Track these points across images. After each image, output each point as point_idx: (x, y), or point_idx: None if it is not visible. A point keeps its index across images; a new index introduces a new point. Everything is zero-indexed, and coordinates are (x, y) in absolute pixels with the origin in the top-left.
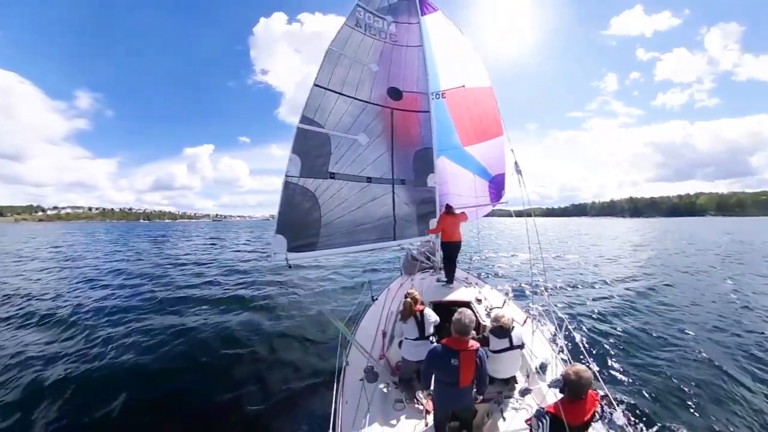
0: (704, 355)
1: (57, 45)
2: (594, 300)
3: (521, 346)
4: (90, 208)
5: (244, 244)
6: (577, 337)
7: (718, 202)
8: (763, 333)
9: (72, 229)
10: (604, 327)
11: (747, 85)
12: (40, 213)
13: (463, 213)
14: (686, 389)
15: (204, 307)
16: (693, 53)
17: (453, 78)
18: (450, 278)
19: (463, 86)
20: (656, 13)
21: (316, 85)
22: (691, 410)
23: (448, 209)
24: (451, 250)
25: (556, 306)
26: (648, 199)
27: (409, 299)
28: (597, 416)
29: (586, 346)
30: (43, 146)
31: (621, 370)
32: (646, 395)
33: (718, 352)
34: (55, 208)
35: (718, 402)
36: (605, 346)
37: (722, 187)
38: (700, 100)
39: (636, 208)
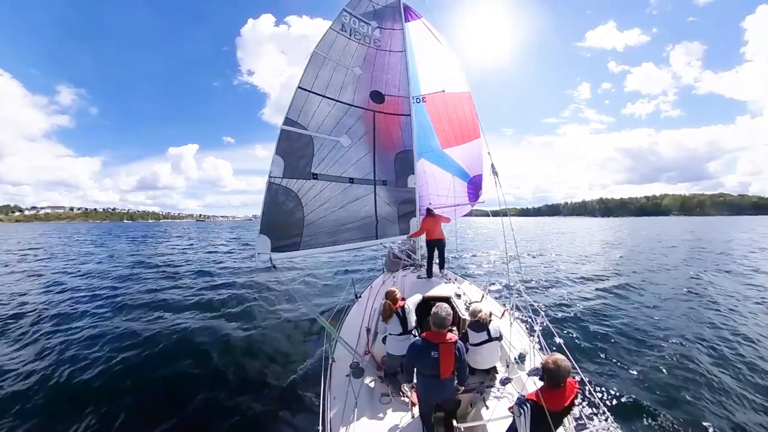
0: (673, 342)
1: (39, 37)
2: (569, 293)
3: (499, 338)
4: (71, 208)
5: (223, 244)
6: (553, 328)
7: (682, 203)
8: (726, 325)
9: (50, 230)
10: (579, 318)
11: (706, 98)
12: (17, 213)
13: (439, 217)
14: (659, 374)
15: (184, 307)
16: (659, 68)
17: (433, 83)
18: (429, 274)
19: (443, 91)
20: (627, 30)
21: (300, 88)
22: (665, 395)
23: (429, 212)
24: (434, 247)
25: (532, 299)
26: (618, 200)
27: (388, 301)
28: (576, 402)
29: (562, 335)
30: (22, 143)
31: (597, 357)
32: (622, 381)
33: (685, 339)
34: (33, 208)
35: (690, 386)
36: (581, 335)
37: (683, 189)
38: (664, 111)
39: (607, 208)
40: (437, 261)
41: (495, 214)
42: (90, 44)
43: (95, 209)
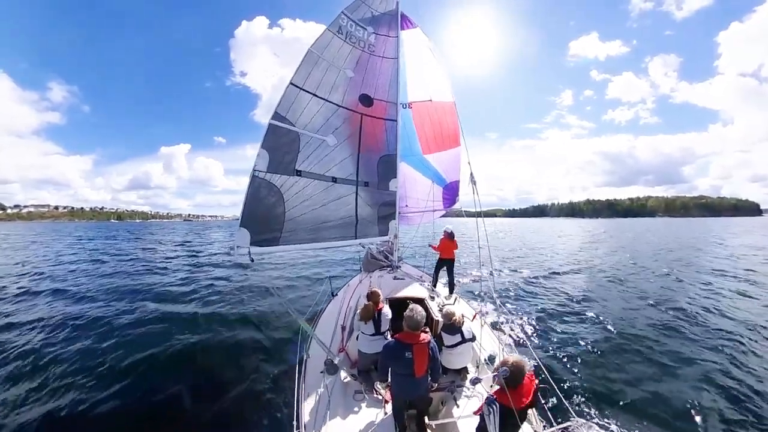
0: (642, 338)
1: (33, 31)
2: (540, 296)
3: (473, 339)
4: (56, 207)
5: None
6: (522, 330)
7: (666, 204)
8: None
9: (23, 231)
10: (548, 319)
11: (682, 107)
12: None
13: (455, 241)
14: (622, 373)
15: (156, 306)
16: (639, 77)
17: (421, 91)
18: (451, 289)
19: (430, 100)
20: (609, 41)
21: (293, 84)
22: (630, 387)
23: (450, 235)
24: (443, 265)
25: (501, 302)
26: (605, 201)
27: (371, 303)
28: (537, 399)
29: (531, 337)
30: (10, 139)
31: (564, 356)
32: (588, 376)
33: (654, 339)
34: (16, 206)
35: (651, 383)
36: (549, 336)
37: (660, 191)
38: (643, 118)
39: (594, 210)
40: (444, 281)
41: (473, 216)
42: (84, 43)
43: (82, 208)
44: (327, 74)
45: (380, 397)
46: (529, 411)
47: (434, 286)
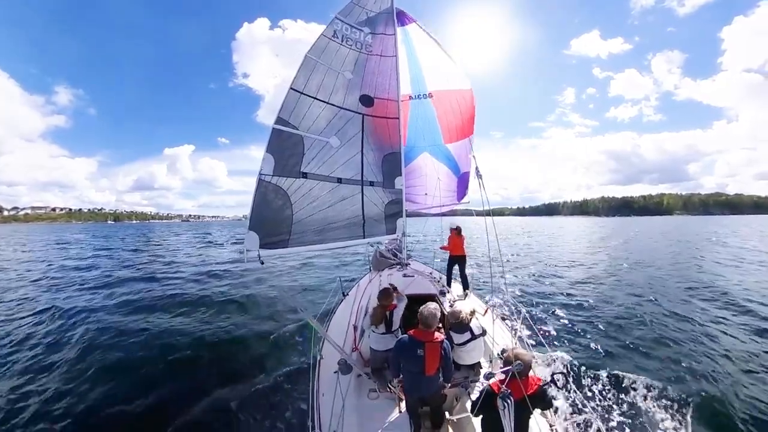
0: (651, 330)
1: (36, 36)
2: (552, 289)
3: (483, 333)
4: (54, 209)
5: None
6: (534, 323)
7: (684, 202)
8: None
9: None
10: (560, 313)
11: (686, 104)
12: None
13: (463, 236)
14: (636, 366)
15: (166, 308)
16: (642, 74)
17: (438, 80)
18: (465, 285)
19: (448, 89)
20: (611, 38)
21: (293, 89)
22: (639, 387)
23: (458, 232)
24: (455, 262)
25: (514, 296)
26: (620, 199)
27: (381, 306)
28: (549, 392)
29: (543, 330)
30: (18, 142)
31: (577, 349)
32: (598, 370)
33: (665, 337)
34: (14, 208)
35: (662, 380)
36: (562, 330)
37: (664, 190)
38: (647, 115)
39: (610, 207)
40: (459, 279)
41: (479, 214)
42: (90, 47)
43: (80, 209)
44: (326, 78)
45: (394, 396)
46: (544, 404)
47: (449, 284)
